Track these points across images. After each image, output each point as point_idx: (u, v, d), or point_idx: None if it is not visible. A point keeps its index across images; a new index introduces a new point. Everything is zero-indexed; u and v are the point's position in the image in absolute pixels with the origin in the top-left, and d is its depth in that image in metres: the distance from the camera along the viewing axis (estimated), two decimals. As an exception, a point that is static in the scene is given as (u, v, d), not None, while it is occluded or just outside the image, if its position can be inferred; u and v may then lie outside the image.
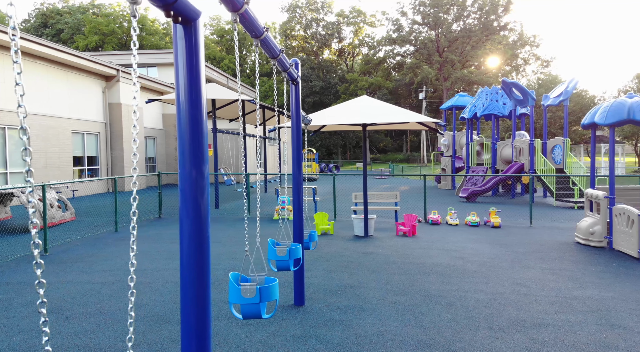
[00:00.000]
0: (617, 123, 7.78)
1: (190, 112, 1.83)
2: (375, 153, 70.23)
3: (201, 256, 1.88)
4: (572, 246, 8.31)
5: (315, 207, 12.51)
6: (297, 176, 5.14)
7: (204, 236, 1.89)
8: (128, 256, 7.55)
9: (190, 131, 1.84)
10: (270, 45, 3.45)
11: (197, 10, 1.80)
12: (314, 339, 4.19)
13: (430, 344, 4.10)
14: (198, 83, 1.84)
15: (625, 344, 4.02)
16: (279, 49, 3.70)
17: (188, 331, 1.88)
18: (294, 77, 4.75)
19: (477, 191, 15.76)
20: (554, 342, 4.08)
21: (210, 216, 5.80)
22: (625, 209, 7.43)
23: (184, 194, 1.85)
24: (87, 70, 19.41)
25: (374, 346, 4.05)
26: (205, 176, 1.89)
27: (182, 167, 1.85)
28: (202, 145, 1.86)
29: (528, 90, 15.37)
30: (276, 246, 4.02)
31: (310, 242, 5.66)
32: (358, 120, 8.75)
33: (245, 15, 2.67)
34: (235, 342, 4.11)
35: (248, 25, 2.84)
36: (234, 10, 2.55)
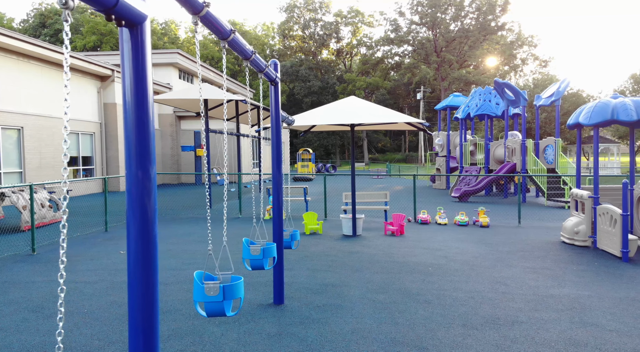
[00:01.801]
0: (601, 123, 7.84)
1: (136, 114, 1.88)
2: (373, 153, 70.30)
3: (148, 257, 1.93)
4: (557, 245, 8.36)
5: (307, 206, 12.56)
6: (277, 176, 5.19)
7: (151, 237, 1.93)
8: (114, 256, 7.60)
9: (137, 132, 1.88)
10: (240, 46, 3.49)
11: (143, 14, 1.84)
12: (289, 337, 4.24)
13: (403, 341, 4.15)
14: (145, 85, 1.89)
15: (594, 341, 4.08)
16: (250, 50, 3.74)
17: (135, 332, 1.92)
18: (272, 77, 4.80)
19: (469, 191, 15.82)
20: (524, 339, 4.13)
21: (202, 216, 5.87)
22: (609, 208, 7.48)
23: (130, 195, 1.90)
24: (82, 70, 19.44)
25: (347, 343, 4.10)
26: (152, 177, 1.93)
27: (129, 168, 1.89)
28: (148, 147, 1.90)
29: (520, 90, 15.43)
30: (250, 245, 4.08)
31: (292, 242, 5.71)
32: (346, 121, 8.80)
33: (208, 18, 2.72)
34: (210, 340, 4.16)
35: (212, 27, 2.89)
36: (194, 13, 2.60)
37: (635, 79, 32.63)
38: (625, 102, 7.71)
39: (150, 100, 1.92)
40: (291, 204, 13.62)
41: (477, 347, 3.99)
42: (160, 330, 4.38)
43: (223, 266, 6.64)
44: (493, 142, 17.89)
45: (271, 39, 74.51)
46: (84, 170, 20.02)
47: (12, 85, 16.03)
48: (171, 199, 16.23)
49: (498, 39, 59.29)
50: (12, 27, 64.42)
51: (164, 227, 10.50)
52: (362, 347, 4.03)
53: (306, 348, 4.01)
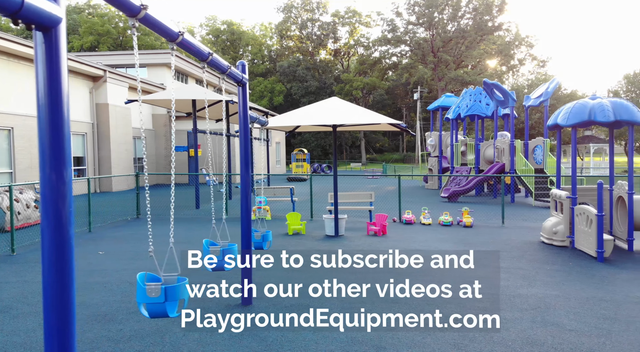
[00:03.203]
0: (579, 124, 7.86)
1: (50, 117, 1.90)
2: (372, 153, 70.32)
3: (62, 261, 1.95)
4: (537, 245, 8.39)
5: (294, 207, 12.58)
6: (245, 176, 5.22)
7: (65, 241, 1.95)
8: (92, 257, 7.63)
9: (51, 136, 1.90)
10: (194, 47, 3.51)
11: (56, 17, 1.86)
12: (250, 337, 4.26)
13: (363, 340, 4.18)
14: (59, 88, 1.91)
15: (552, 340, 4.10)
16: (207, 51, 3.76)
17: (50, 337, 1.93)
18: (238, 79, 4.82)
19: (458, 191, 15.84)
20: (482, 338, 4.16)
21: (188, 217, 5.93)
22: (585, 209, 7.51)
23: (44, 199, 1.92)
24: (73, 70, 19.46)
25: (306, 343, 4.13)
26: (67, 181, 1.94)
27: (42, 171, 1.91)
28: (63, 150, 1.92)
29: (509, 91, 15.47)
30: (210, 246, 4.10)
31: (264, 243, 5.74)
32: (327, 121, 8.84)
33: (148, 20, 2.73)
34: (170, 341, 4.18)
35: (155, 29, 2.90)
36: (132, 16, 2.62)
37: (629, 79, 32.69)
38: (602, 103, 7.73)
39: (65, 103, 1.94)
40: (278, 204, 13.64)
41: (434, 346, 4.02)
42: (123, 331, 4.41)
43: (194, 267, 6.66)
44: (483, 143, 17.93)
45: (269, 39, 74.54)
46: (76, 171, 20.04)
47: (1, 85, 16.06)
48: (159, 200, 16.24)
49: (495, 39, 59.32)
50: (10, 28, 64.48)
51: (144, 228, 10.51)
52: (320, 347, 4.06)
53: (265, 348, 4.04)
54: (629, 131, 7.97)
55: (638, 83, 32.42)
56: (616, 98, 7.99)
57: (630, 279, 6.14)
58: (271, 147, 35.21)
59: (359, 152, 67.25)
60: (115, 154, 21.40)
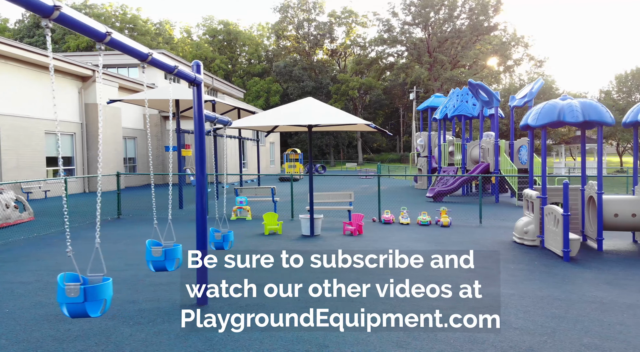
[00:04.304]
0: (549, 124, 7.89)
1: None
2: (368, 153, 70.34)
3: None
4: (508, 245, 8.42)
5: (275, 207, 12.61)
6: (200, 178, 5.24)
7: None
8: (62, 257, 7.64)
9: None
10: (128, 47, 3.53)
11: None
12: (197, 337, 4.29)
13: (309, 339, 4.21)
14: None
15: (494, 338, 4.13)
16: (146, 52, 3.78)
17: None
18: (190, 78, 4.84)
19: (443, 191, 15.87)
20: (426, 337, 4.19)
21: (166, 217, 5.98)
22: (553, 208, 7.53)
23: None
24: (61, 70, 19.48)
25: (251, 342, 4.16)
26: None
27: None
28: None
29: (493, 91, 15.49)
30: (152, 247, 4.13)
31: (225, 243, 5.77)
32: (303, 122, 8.86)
33: (63, 19, 2.75)
34: (116, 340, 4.20)
35: (77, 30, 2.93)
36: (45, 16, 2.64)
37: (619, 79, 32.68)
38: (572, 104, 7.76)
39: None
40: (261, 204, 13.65)
41: (378, 345, 4.05)
42: (71, 331, 4.43)
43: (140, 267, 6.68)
44: (470, 143, 17.95)
45: (266, 39, 74.57)
46: (64, 171, 20.05)
47: (-13, 86, 16.07)
48: (142, 200, 16.27)
49: (491, 39, 59.34)
50: (7, 28, 64.46)
51: (126, 228, 10.55)
52: (264, 346, 4.08)
53: (208, 348, 4.06)
54: (597, 131, 7.99)
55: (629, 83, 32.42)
56: (586, 99, 8.01)
57: (590, 279, 6.17)
58: (264, 148, 35.21)
59: (355, 152, 67.24)
60: (104, 154, 21.40)
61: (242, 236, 9.56)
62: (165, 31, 71.66)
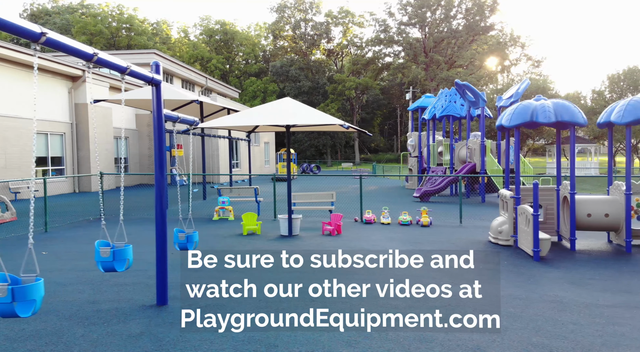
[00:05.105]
0: (522, 125, 7.91)
1: None
2: (366, 153, 70.37)
3: None
4: (483, 244, 8.44)
5: (258, 207, 12.62)
6: (159, 178, 5.25)
7: None
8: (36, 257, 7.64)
9: None
10: (65, 47, 3.53)
11: None
12: (148, 337, 4.30)
13: (260, 339, 4.22)
14: None
15: (443, 337, 4.15)
16: (90, 52, 3.78)
17: None
18: (147, 78, 4.85)
19: (430, 191, 15.89)
20: (377, 336, 4.21)
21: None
22: (526, 208, 7.55)
23: None
24: (51, 70, 19.48)
25: (200, 342, 4.17)
26: None
27: None
28: None
29: (479, 92, 15.51)
30: (100, 247, 4.14)
31: (189, 243, 5.78)
32: (280, 122, 8.88)
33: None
34: (67, 341, 4.22)
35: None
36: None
37: (612, 79, 32.69)
38: (544, 105, 7.78)
39: None
40: (244, 204, 13.66)
41: (327, 344, 4.07)
42: (25, 330, 4.44)
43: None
44: (458, 143, 17.97)
45: (264, 39, 74.58)
46: (54, 171, 20.07)
47: (-26, 86, 16.09)
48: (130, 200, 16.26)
49: (487, 39, 59.34)
50: (4, 28, 64.45)
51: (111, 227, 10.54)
52: (214, 346, 4.10)
53: (158, 348, 4.08)
54: (570, 132, 8.01)
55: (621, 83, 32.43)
56: (559, 100, 8.04)
57: (556, 278, 6.19)
58: (259, 147, 35.22)
59: (353, 152, 67.27)
60: (95, 154, 21.39)
61: (219, 236, 9.58)
62: (163, 31, 71.67)
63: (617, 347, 4.05)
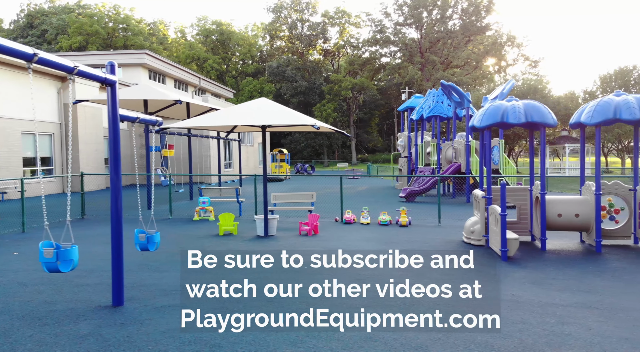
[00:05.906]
0: (493, 125, 7.93)
1: None
2: (363, 153, 70.35)
3: None
4: (456, 244, 8.45)
5: (240, 208, 12.63)
6: (115, 179, 5.26)
7: None
8: (5, 257, 7.66)
9: None
10: (11, 49, 3.54)
11: None
12: (95, 337, 4.30)
13: (206, 339, 4.22)
14: None
15: (389, 336, 4.15)
16: (31, 53, 3.77)
17: None
18: (100, 79, 4.86)
19: (415, 191, 15.90)
20: (325, 335, 4.23)
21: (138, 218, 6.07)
22: (495, 208, 7.56)
23: None
24: (41, 71, 19.49)
25: (146, 343, 4.17)
26: None
27: None
28: None
29: (464, 92, 15.52)
30: (44, 248, 4.15)
31: (149, 244, 5.78)
32: (255, 122, 8.88)
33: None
34: (13, 341, 4.22)
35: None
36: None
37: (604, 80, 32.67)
38: (515, 106, 7.79)
39: None
40: (226, 204, 13.66)
41: (272, 344, 4.08)
42: (-27, 330, 4.45)
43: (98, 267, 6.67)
44: (445, 143, 17.98)
45: (261, 40, 74.57)
46: (43, 171, 20.07)
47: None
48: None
49: (483, 39, 59.35)
50: (2, 28, 64.51)
51: (84, 229, 10.57)
52: (159, 346, 4.10)
53: (102, 349, 4.08)
54: (540, 132, 8.02)
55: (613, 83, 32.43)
56: (530, 100, 8.05)
57: (519, 278, 6.19)
58: (252, 148, 35.22)
59: (350, 152, 67.24)
60: (84, 154, 21.43)
61: (195, 237, 9.59)
62: (159, 31, 71.69)
63: (559, 347, 4.06)
